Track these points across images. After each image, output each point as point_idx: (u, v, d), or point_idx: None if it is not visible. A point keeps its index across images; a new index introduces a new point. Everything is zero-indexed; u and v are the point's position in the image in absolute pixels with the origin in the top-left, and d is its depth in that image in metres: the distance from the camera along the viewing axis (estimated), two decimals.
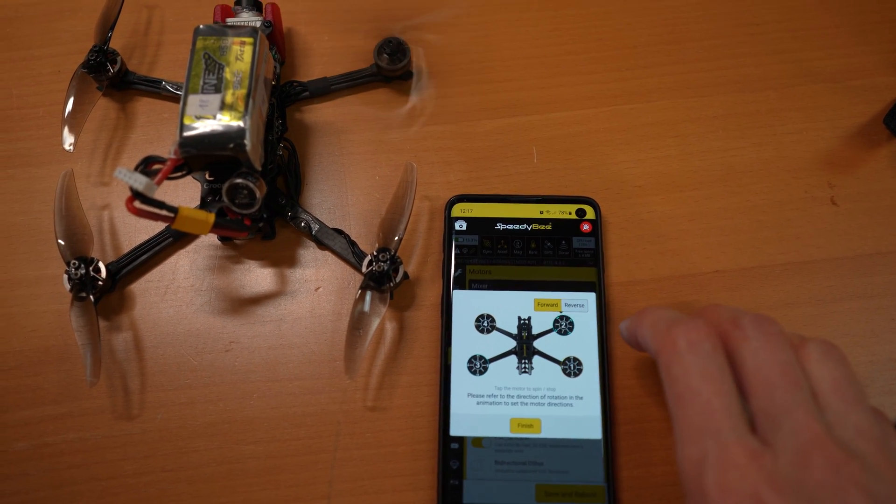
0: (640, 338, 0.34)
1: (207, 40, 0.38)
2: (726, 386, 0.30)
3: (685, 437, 0.29)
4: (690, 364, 0.30)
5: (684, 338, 0.31)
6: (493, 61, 0.47)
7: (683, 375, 0.30)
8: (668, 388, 0.31)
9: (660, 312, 0.34)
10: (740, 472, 0.27)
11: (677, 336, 0.31)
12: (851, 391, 0.30)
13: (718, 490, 0.27)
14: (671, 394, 0.31)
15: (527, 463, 0.36)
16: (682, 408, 0.30)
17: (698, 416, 0.29)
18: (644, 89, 0.46)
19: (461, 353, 0.39)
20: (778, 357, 0.31)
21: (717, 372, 0.30)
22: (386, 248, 0.38)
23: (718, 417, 0.29)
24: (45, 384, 0.39)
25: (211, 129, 0.36)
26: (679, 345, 0.31)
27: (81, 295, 0.38)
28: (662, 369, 0.32)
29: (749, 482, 0.27)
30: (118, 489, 0.37)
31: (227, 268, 0.42)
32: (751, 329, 0.32)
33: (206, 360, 0.40)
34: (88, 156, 0.44)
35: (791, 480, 0.27)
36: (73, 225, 0.40)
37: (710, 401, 0.29)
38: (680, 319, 0.32)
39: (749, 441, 0.28)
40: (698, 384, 0.30)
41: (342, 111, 0.45)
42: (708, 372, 0.30)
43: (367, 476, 0.38)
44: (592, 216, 0.41)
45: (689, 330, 0.31)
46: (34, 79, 0.46)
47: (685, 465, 0.29)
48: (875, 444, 0.29)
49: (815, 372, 0.31)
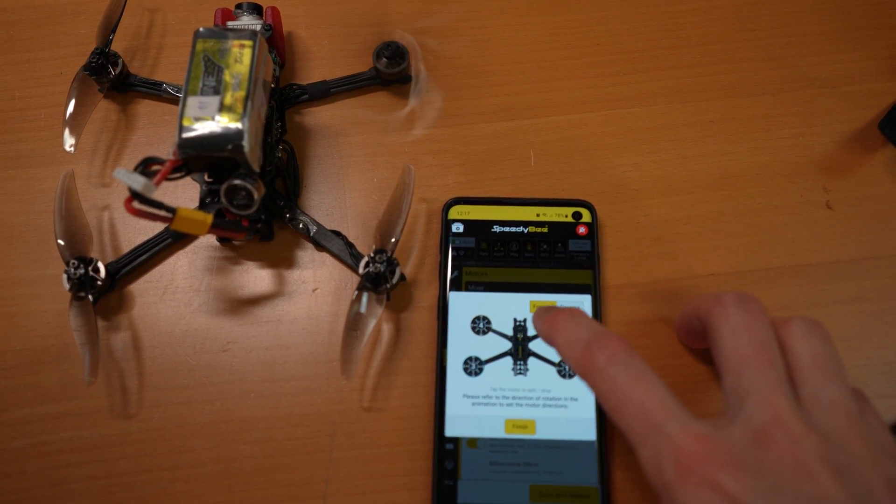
0: (558, 353, 0.34)
1: (207, 43, 0.38)
2: (653, 382, 0.31)
3: (637, 442, 0.30)
4: (614, 375, 0.31)
5: (601, 354, 0.32)
6: (491, 65, 0.47)
7: (612, 388, 0.31)
8: (604, 405, 0.31)
9: (573, 331, 0.33)
10: (693, 459, 0.28)
11: (594, 355, 0.32)
12: (831, 366, 0.31)
13: (676, 480, 0.28)
14: (608, 408, 0.31)
15: (521, 464, 0.37)
16: (622, 417, 0.31)
17: (638, 419, 0.30)
18: (641, 94, 0.46)
19: (457, 354, 0.39)
20: (755, 335, 0.31)
21: (640, 373, 0.31)
22: (383, 249, 0.39)
23: (657, 413, 0.30)
24: (44, 383, 0.40)
25: (209, 130, 0.36)
26: (598, 363, 0.31)
27: (80, 295, 0.39)
28: (593, 390, 0.32)
29: (703, 465, 0.28)
30: (115, 488, 0.38)
31: (225, 269, 0.42)
32: (732, 307, 0.32)
33: (204, 360, 0.40)
34: (89, 157, 0.45)
35: (748, 459, 0.28)
36: (72, 225, 0.40)
37: (643, 401, 0.30)
38: (592, 338, 0.32)
39: (695, 427, 0.29)
40: (627, 390, 0.30)
41: (341, 114, 0.46)
42: (632, 376, 0.31)
43: (362, 476, 0.38)
44: (589, 219, 0.42)
45: (603, 346, 0.32)
46: (36, 81, 0.47)
47: (646, 466, 0.30)
48: (846, 419, 0.29)
49: (797, 347, 0.31)
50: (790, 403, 0.29)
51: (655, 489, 0.29)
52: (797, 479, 0.27)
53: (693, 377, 0.39)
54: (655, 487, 0.29)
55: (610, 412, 0.31)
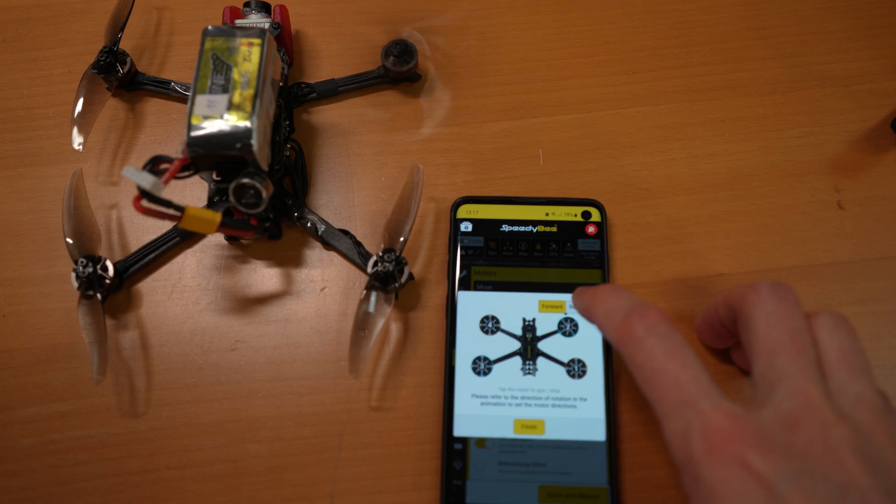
0: (598, 326, 0.35)
1: (216, 41, 0.38)
2: (690, 358, 0.31)
3: (665, 414, 0.30)
4: (652, 347, 0.31)
5: (641, 325, 0.32)
6: (499, 64, 0.47)
7: (648, 359, 0.31)
8: (636, 374, 0.32)
9: (614, 301, 0.35)
10: (723, 436, 0.28)
11: (634, 325, 0.32)
12: (857, 362, 0.31)
13: (704, 454, 0.28)
14: (641, 378, 0.32)
15: (530, 464, 0.37)
16: (654, 388, 0.31)
17: (671, 391, 0.30)
18: (650, 92, 0.46)
19: (465, 353, 0.39)
20: (789, 323, 0.31)
21: (678, 348, 0.31)
22: (391, 248, 0.39)
23: (691, 389, 0.30)
24: (53, 381, 0.40)
25: (218, 128, 0.36)
26: (637, 332, 0.32)
27: (89, 293, 0.39)
28: (627, 359, 0.33)
29: (733, 444, 0.28)
30: (123, 486, 0.38)
31: (233, 267, 0.42)
32: (767, 293, 0.32)
33: (212, 359, 0.40)
34: (97, 155, 0.45)
35: (778, 441, 0.28)
36: (81, 224, 0.40)
37: (678, 375, 0.30)
38: (633, 308, 0.33)
39: (726, 406, 0.29)
40: (663, 362, 0.31)
41: (349, 113, 0.46)
42: (669, 349, 0.31)
43: (370, 476, 0.38)
44: (598, 218, 0.41)
45: (644, 317, 0.32)
46: (45, 79, 0.47)
47: (672, 440, 0.30)
48: (873, 413, 0.29)
49: (824, 341, 0.31)
50: (822, 391, 0.29)
51: (679, 464, 0.30)
52: (826, 464, 0.27)
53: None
54: (679, 462, 0.30)
55: (642, 383, 0.32)
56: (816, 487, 0.27)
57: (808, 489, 0.27)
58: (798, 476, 0.27)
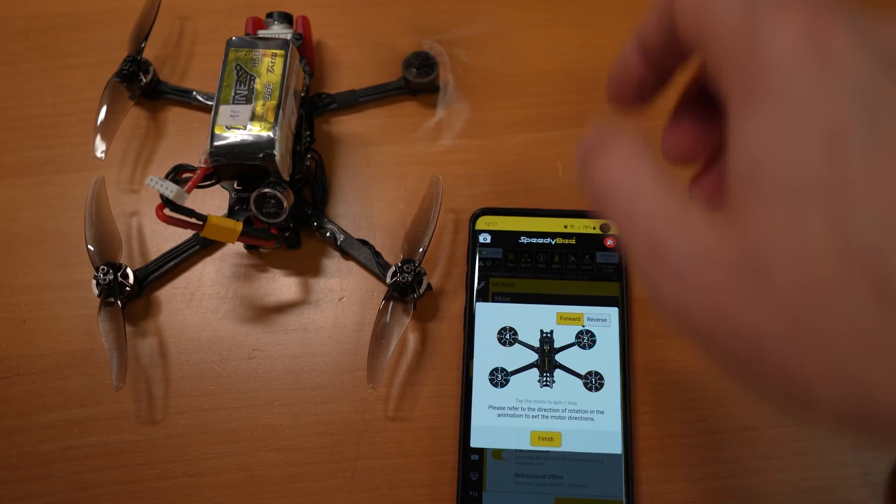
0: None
1: (239, 52, 0.39)
2: None
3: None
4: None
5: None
6: (520, 76, 0.47)
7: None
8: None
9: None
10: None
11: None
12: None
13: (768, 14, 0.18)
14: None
15: (546, 476, 0.36)
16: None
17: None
18: (669, 106, 0.46)
19: (483, 365, 0.39)
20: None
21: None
22: (410, 259, 0.39)
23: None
24: (72, 387, 0.40)
25: (241, 139, 0.36)
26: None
27: (109, 300, 0.39)
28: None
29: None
30: (140, 493, 0.38)
31: (252, 276, 0.42)
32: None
33: (230, 367, 0.40)
34: (119, 164, 0.45)
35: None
36: (102, 231, 0.40)
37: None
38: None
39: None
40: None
41: (369, 123, 0.46)
42: None
43: (387, 486, 0.38)
44: (617, 231, 0.41)
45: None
46: (69, 87, 0.47)
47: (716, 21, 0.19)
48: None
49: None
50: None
51: (727, 48, 0.19)
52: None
53: (720, 391, 0.39)
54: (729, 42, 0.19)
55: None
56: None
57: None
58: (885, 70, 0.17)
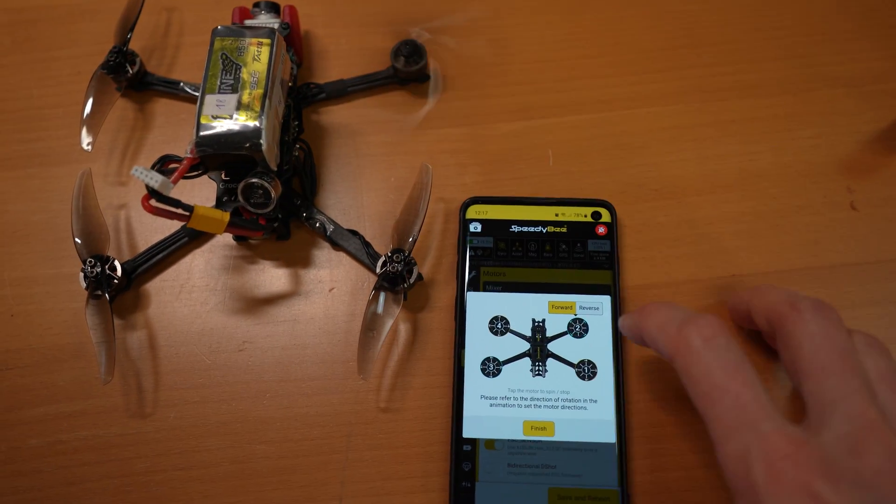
0: (649, 340, 0.33)
1: (225, 41, 0.38)
2: (751, 376, 0.29)
3: (722, 435, 0.29)
4: (710, 361, 0.30)
5: (698, 336, 0.30)
6: (509, 64, 0.47)
7: (706, 374, 0.30)
8: (692, 389, 0.30)
9: (666, 312, 0.33)
10: (789, 462, 0.27)
11: (690, 336, 0.31)
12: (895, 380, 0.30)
13: (768, 482, 0.27)
14: (697, 394, 0.30)
15: (540, 466, 0.36)
16: (712, 406, 0.29)
17: (731, 412, 0.29)
18: (661, 93, 0.46)
19: (475, 354, 0.38)
20: (836, 343, 0.30)
21: (738, 364, 0.30)
22: (400, 249, 0.38)
23: (752, 410, 0.28)
24: (60, 382, 0.39)
25: (227, 128, 0.36)
26: (694, 344, 0.30)
27: (97, 293, 0.39)
28: (682, 372, 0.31)
29: (800, 471, 0.26)
30: (130, 487, 0.37)
31: (241, 268, 0.42)
32: (809, 313, 0.31)
33: (220, 360, 0.40)
34: (106, 156, 0.45)
35: (845, 468, 0.26)
36: (89, 224, 0.40)
37: (739, 394, 0.29)
38: (689, 318, 0.31)
39: (790, 430, 0.28)
40: (723, 380, 0.29)
41: (358, 113, 0.46)
42: (730, 366, 0.29)
43: (378, 477, 0.37)
44: (608, 219, 0.41)
45: (702, 328, 0.31)
46: (54, 79, 0.47)
47: (728, 463, 0.28)
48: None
49: (864, 362, 0.30)
50: (880, 413, 0.28)
51: (734, 489, 0.28)
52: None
53: None
54: (735, 487, 0.28)
55: (698, 399, 0.30)
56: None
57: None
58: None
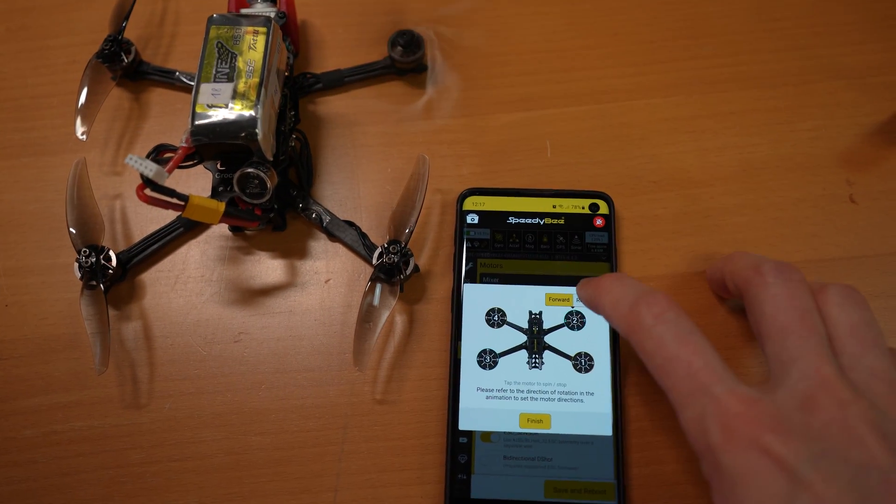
0: (604, 317, 0.35)
1: (220, 29, 0.38)
2: (702, 344, 0.31)
3: (680, 403, 0.30)
4: (662, 334, 0.31)
5: (649, 312, 0.32)
6: (507, 55, 0.46)
7: (659, 347, 0.31)
8: (648, 363, 0.32)
9: (617, 291, 0.34)
10: (740, 420, 0.28)
11: (641, 313, 0.32)
12: (869, 334, 0.31)
13: (722, 441, 0.28)
14: (653, 367, 0.32)
15: (536, 458, 0.36)
16: (667, 376, 0.31)
17: (684, 380, 0.30)
18: (660, 84, 0.45)
19: (471, 346, 0.38)
20: (796, 303, 0.31)
21: (688, 334, 0.31)
22: (397, 240, 0.38)
23: (704, 375, 0.30)
24: (55, 372, 0.39)
25: (223, 117, 0.35)
26: (646, 322, 0.32)
27: (92, 283, 0.38)
28: (638, 348, 0.32)
29: (750, 428, 0.28)
30: (125, 478, 0.37)
31: (237, 258, 0.42)
32: (771, 276, 0.32)
33: (215, 351, 0.40)
34: (101, 145, 0.44)
35: (795, 423, 0.28)
36: (84, 214, 0.40)
37: (690, 362, 0.30)
38: (639, 296, 0.33)
39: (742, 390, 0.29)
40: (675, 350, 0.31)
41: (355, 103, 0.45)
42: (680, 336, 0.31)
43: (374, 469, 0.37)
44: (606, 211, 0.41)
45: (651, 305, 0.32)
46: (49, 68, 0.46)
47: (689, 428, 0.30)
48: (888, 386, 0.29)
49: (834, 315, 0.31)
50: (835, 369, 0.29)
51: (697, 452, 0.30)
52: (846, 444, 0.27)
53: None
54: (698, 450, 0.30)
55: (654, 371, 0.31)
56: (837, 469, 0.27)
57: (829, 471, 0.26)
58: (818, 458, 0.27)
